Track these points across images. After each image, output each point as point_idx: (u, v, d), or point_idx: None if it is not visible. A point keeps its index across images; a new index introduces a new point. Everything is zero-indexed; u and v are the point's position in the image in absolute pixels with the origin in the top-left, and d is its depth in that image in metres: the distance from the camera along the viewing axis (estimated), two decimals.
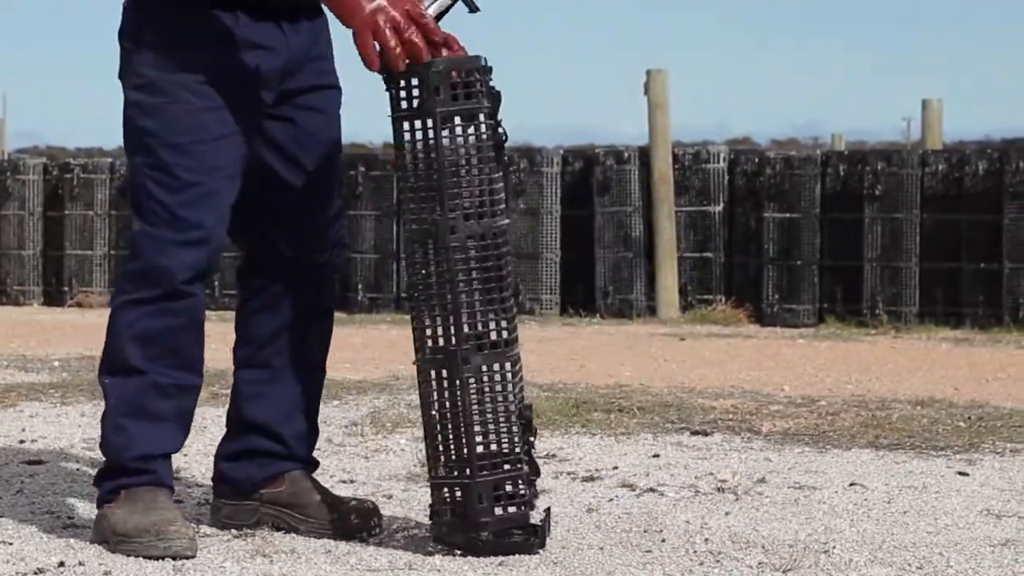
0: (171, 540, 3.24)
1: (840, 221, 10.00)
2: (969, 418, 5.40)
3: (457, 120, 3.22)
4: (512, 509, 3.25)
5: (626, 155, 10.49)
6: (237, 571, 3.14)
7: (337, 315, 3.67)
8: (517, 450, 3.27)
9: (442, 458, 3.26)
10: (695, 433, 5.01)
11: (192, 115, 3.27)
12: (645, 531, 3.52)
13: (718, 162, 10.35)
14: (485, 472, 3.23)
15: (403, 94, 3.22)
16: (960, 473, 4.31)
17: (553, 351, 8.12)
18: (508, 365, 3.27)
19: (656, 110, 10.58)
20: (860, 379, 6.80)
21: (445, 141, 3.21)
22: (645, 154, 10.47)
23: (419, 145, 3.23)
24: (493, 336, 3.26)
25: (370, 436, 4.93)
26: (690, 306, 10.30)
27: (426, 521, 3.40)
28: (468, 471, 3.23)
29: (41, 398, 5.82)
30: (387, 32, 3.15)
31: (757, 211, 10.20)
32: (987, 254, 9.62)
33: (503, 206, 3.28)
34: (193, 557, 3.24)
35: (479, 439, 3.24)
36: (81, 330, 9.41)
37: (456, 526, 3.24)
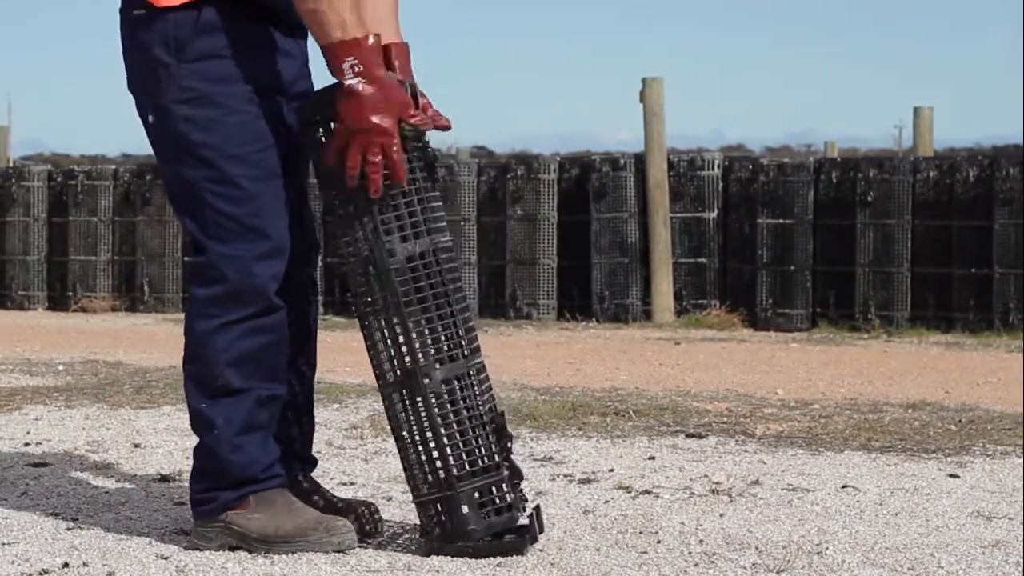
0: (342, 535, 3.28)
1: (833, 227, 10.04)
2: (960, 421, 5.43)
3: None
4: (497, 516, 3.27)
5: (622, 162, 10.52)
6: (239, 571, 3.15)
7: (336, 319, 3.71)
8: (496, 457, 3.29)
9: (420, 477, 3.28)
10: (690, 436, 5.04)
11: (249, 124, 3.26)
12: (641, 532, 3.55)
13: (713, 169, 10.38)
14: (464, 482, 3.25)
15: (323, 137, 3.22)
16: (951, 475, 4.34)
17: (550, 355, 8.14)
18: (472, 373, 3.29)
19: (652, 118, 10.61)
20: (852, 382, 6.82)
21: None
22: (641, 161, 10.51)
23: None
24: (450, 350, 3.27)
25: (370, 439, 4.96)
26: (685, 311, 10.34)
27: None
28: (448, 484, 3.25)
29: (46, 401, 5.84)
30: (373, 154, 3.16)
31: (751, 217, 10.23)
32: (977, 259, 9.66)
33: (443, 223, 3.30)
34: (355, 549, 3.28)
35: (452, 451, 3.26)
36: (85, 335, 9.44)
37: (446, 539, 3.26)
